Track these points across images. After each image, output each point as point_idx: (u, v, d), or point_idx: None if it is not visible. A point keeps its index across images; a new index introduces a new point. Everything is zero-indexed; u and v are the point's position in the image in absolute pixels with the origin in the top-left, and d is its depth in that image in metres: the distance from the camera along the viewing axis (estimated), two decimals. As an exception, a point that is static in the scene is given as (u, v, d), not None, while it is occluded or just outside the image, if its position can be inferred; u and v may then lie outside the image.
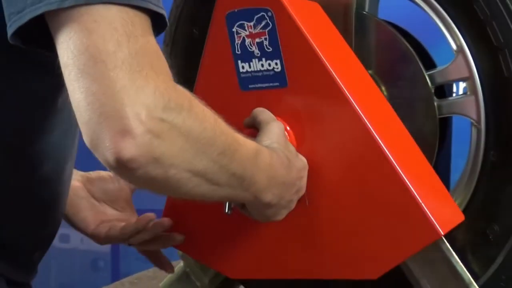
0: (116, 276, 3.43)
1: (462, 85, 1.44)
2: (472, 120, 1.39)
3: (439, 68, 1.43)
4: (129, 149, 0.96)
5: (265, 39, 1.33)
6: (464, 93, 1.41)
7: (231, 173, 1.11)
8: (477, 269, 1.40)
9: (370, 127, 1.29)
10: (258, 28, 1.33)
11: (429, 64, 1.46)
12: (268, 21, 1.32)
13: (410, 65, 1.42)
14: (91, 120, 0.96)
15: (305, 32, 1.31)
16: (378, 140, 1.29)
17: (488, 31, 1.33)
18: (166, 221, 1.38)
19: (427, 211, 1.28)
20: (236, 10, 1.33)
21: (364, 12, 1.43)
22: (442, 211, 1.33)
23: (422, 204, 1.28)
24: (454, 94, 1.52)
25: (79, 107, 0.97)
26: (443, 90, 1.47)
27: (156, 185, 1.05)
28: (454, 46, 1.39)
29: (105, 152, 0.97)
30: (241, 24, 1.34)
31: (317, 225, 1.37)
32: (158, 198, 1.48)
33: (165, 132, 0.99)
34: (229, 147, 1.09)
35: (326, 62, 1.30)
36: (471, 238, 1.40)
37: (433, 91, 1.42)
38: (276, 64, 1.34)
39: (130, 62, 0.97)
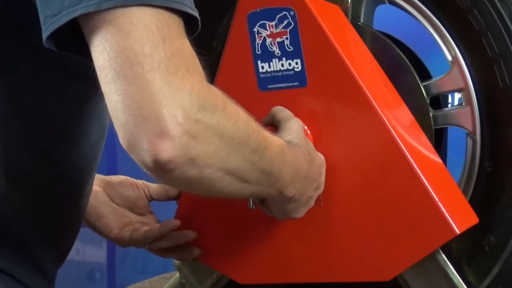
0: (112, 287, 3.44)
1: (457, 96, 1.44)
2: (467, 131, 1.39)
3: (434, 79, 1.44)
4: (167, 151, 0.98)
5: (286, 38, 1.35)
6: (460, 104, 1.41)
7: (261, 170, 1.13)
8: (473, 280, 1.40)
9: (391, 129, 1.31)
10: (280, 28, 1.35)
11: (425, 75, 1.47)
12: (290, 20, 1.34)
13: (405, 76, 1.42)
14: (129, 122, 0.98)
15: (328, 32, 1.33)
16: (398, 142, 1.31)
17: (483, 42, 1.34)
18: (191, 233, 1.42)
19: (444, 210, 1.29)
20: (258, 10, 1.35)
21: (359, 23, 1.44)
22: (458, 211, 1.34)
23: (439, 203, 1.29)
24: (449, 105, 1.53)
25: (116, 109, 0.99)
26: (439, 101, 1.47)
27: (190, 185, 1.06)
28: (449, 57, 1.39)
29: (143, 154, 0.99)
30: (262, 23, 1.36)
31: (331, 226, 1.39)
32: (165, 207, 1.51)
33: (201, 132, 1.00)
34: (260, 144, 1.11)
35: (348, 63, 1.32)
36: (467, 249, 1.40)
37: (428, 102, 1.42)
38: (297, 63, 1.35)
39: (166, 64, 0.98)
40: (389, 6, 1.46)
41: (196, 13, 1.04)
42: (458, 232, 1.29)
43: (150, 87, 0.97)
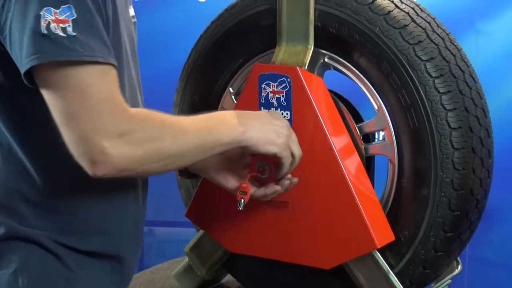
0: (141, 267, 3.65)
1: (381, 133, 1.58)
2: (388, 158, 1.55)
3: (365, 122, 1.59)
4: (100, 170, 1.16)
5: (282, 96, 1.50)
6: (383, 139, 1.56)
7: (189, 147, 1.24)
8: (393, 262, 1.57)
9: (344, 169, 1.48)
10: (279, 88, 1.50)
11: (358, 118, 1.63)
12: (287, 84, 1.50)
13: (345, 120, 1.58)
14: (74, 151, 1.16)
15: (311, 97, 1.49)
16: (347, 178, 1.48)
17: (399, 96, 1.49)
18: (294, 179, 1.47)
19: (371, 230, 1.48)
20: (266, 73, 1.53)
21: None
22: (380, 230, 1.51)
23: (369, 225, 1.48)
24: (376, 140, 1.66)
25: (68, 142, 1.16)
26: (368, 137, 1.63)
27: (137, 176, 1.27)
28: (375, 106, 1.55)
29: (88, 170, 1.17)
30: (268, 83, 1.52)
31: (295, 224, 1.55)
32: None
33: (124, 152, 1.16)
34: (177, 150, 1.22)
35: (321, 119, 1.48)
36: (389, 240, 1.51)
37: (361, 137, 1.59)
38: (287, 114, 1.50)
39: (95, 111, 1.13)
40: (334, 71, 1.61)
41: (103, 58, 1.14)
42: (378, 246, 1.48)
43: (84, 130, 1.13)
